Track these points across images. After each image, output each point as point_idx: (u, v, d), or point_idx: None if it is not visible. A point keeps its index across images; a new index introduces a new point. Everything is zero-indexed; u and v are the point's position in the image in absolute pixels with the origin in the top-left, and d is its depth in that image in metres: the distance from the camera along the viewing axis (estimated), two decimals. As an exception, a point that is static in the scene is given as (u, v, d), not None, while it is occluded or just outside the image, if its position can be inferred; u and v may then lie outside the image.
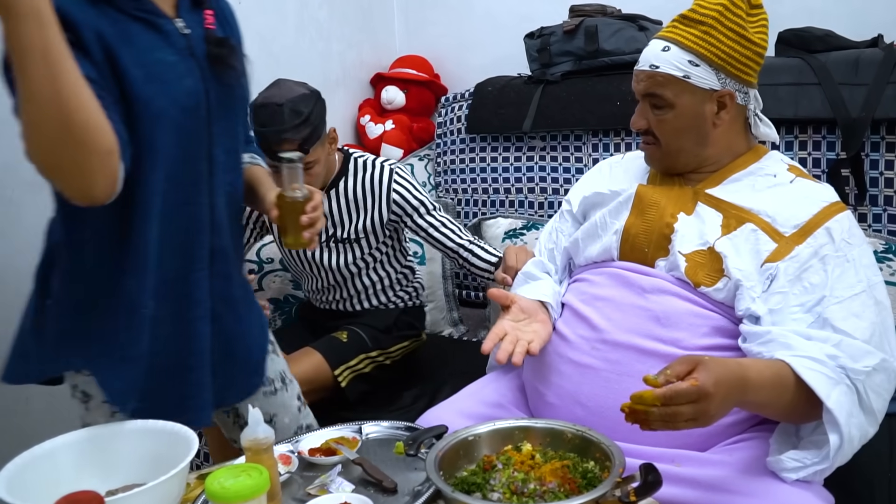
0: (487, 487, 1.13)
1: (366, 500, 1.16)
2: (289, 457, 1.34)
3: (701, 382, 1.08)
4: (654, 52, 1.44)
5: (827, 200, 1.40)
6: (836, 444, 1.18)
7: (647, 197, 1.49)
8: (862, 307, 1.29)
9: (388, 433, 1.44)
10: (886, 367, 1.25)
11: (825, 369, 1.20)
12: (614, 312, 1.42)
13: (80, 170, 1.09)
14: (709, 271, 1.38)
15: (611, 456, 1.16)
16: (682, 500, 1.21)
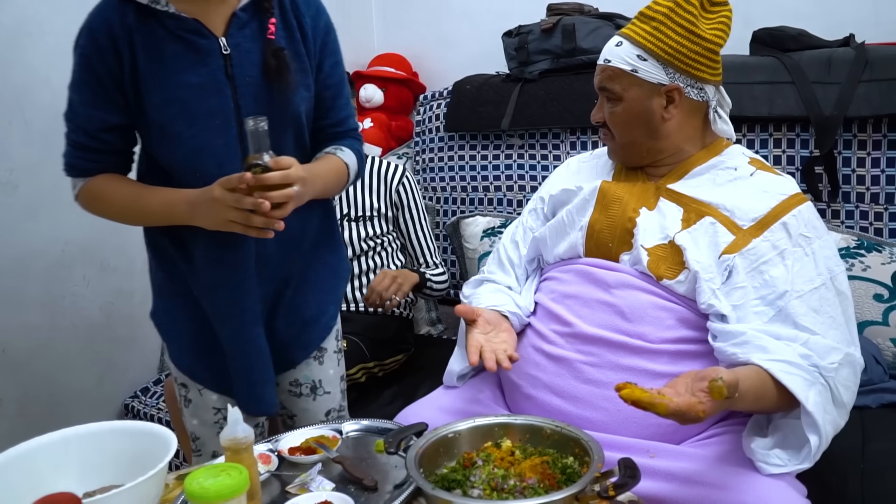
0: (468, 484, 1.14)
1: (346, 498, 1.16)
2: (269, 456, 1.34)
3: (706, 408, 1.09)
4: (608, 48, 1.50)
5: (786, 193, 1.42)
6: (816, 444, 1.21)
7: (611, 193, 1.52)
8: (821, 301, 1.31)
9: (368, 431, 1.44)
10: (851, 360, 1.28)
11: (801, 372, 1.22)
12: (582, 309, 1.45)
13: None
14: (670, 264, 1.40)
15: (590, 451, 1.17)
16: (659, 494, 1.22)
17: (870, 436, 1.64)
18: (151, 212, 1.37)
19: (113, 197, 1.39)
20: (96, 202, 1.42)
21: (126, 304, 2.39)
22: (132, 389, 2.35)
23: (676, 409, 1.07)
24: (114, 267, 2.34)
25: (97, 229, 2.26)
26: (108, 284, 2.33)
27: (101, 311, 2.30)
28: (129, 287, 2.40)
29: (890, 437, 1.63)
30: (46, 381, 2.12)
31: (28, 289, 2.07)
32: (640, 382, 1.29)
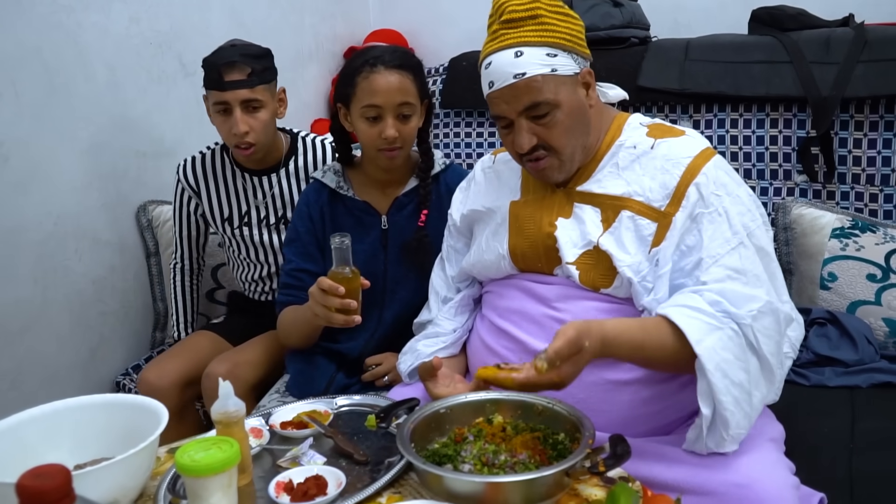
0: (458, 459, 1.14)
1: (337, 472, 1.16)
2: (260, 430, 1.34)
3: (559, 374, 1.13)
4: (508, 63, 1.32)
5: (690, 155, 1.34)
6: (704, 392, 1.17)
7: (521, 213, 1.46)
8: (741, 260, 1.27)
9: (359, 406, 1.44)
10: (773, 308, 1.23)
11: (704, 317, 1.19)
12: (529, 325, 1.41)
13: None
14: (602, 271, 1.35)
15: (581, 427, 1.17)
16: (649, 474, 1.22)
17: (859, 415, 1.65)
18: (297, 319, 1.73)
19: (287, 316, 1.78)
20: (281, 325, 1.82)
21: (119, 279, 2.38)
22: (124, 366, 2.35)
23: (523, 382, 1.15)
24: (106, 241, 2.32)
25: (89, 203, 2.26)
26: (100, 258, 2.31)
27: (94, 286, 2.29)
28: (122, 262, 2.39)
29: (879, 416, 1.64)
30: (39, 355, 2.11)
31: (20, 262, 2.06)
32: (607, 396, 1.32)
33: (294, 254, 1.81)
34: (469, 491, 1.06)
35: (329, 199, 1.79)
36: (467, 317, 1.61)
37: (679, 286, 1.30)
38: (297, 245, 1.81)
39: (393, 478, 1.16)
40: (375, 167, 1.77)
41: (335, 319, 1.47)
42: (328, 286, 1.45)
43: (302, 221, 1.81)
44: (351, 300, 1.45)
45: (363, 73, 1.64)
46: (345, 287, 1.45)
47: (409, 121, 1.68)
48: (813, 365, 1.84)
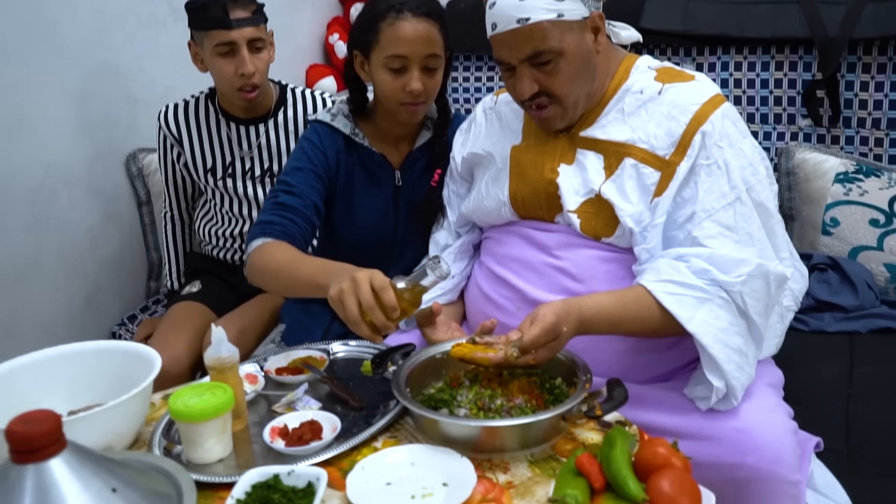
0: (454, 404, 1.13)
1: (332, 417, 1.15)
2: (255, 376, 1.33)
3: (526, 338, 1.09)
4: (513, 5, 1.24)
5: (698, 102, 1.28)
6: (710, 364, 1.16)
7: (523, 159, 1.42)
8: (735, 217, 1.22)
9: (355, 352, 1.43)
10: (763, 271, 1.20)
11: (690, 291, 1.17)
12: (528, 273, 1.38)
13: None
14: (604, 220, 1.31)
15: (577, 372, 1.16)
16: (649, 420, 1.22)
17: (858, 361, 1.65)
18: (299, 271, 1.38)
19: (276, 256, 1.46)
20: (262, 258, 1.47)
21: (114, 227, 2.36)
22: (120, 316, 2.34)
23: (499, 363, 1.12)
24: (98, 189, 2.29)
25: (80, 151, 2.22)
26: (93, 207, 2.28)
27: (88, 234, 2.26)
28: (116, 210, 2.36)
29: (877, 362, 1.64)
30: (34, 304, 2.10)
31: (12, 211, 2.03)
32: (605, 345, 1.29)
33: (300, 181, 1.57)
34: (465, 435, 1.06)
35: (345, 147, 1.64)
36: (466, 263, 1.59)
37: (670, 238, 1.27)
38: (306, 175, 1.59)
39: (389, 423, 1.15)
40: (392, 121, 1.63)
41: (361, 331, 1.17)
42: (388, 301, 1.14)
43: (316, 157, 1.61)
44: (393, 325, 1.18)
45: (388, 18, 1.49)
46: (402, 306, 1.17)
47: (434, 74, 1.55)
48: (812, 311, 1.83)
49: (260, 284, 1.49)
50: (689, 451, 1.17)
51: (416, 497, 0.98)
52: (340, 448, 1.09)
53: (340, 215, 1.69)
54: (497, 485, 1.01)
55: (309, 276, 1.32)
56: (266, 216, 1.52)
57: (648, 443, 0.95)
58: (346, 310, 1.15)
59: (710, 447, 1.17)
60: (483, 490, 1.00)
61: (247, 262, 1.48)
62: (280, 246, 1.46)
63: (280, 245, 1.46)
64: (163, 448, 1.13)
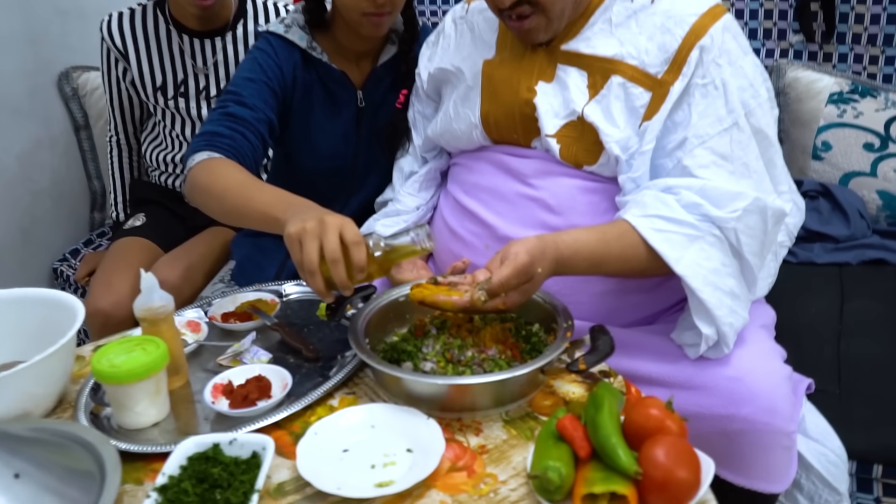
0: (419, 356, 1.01)
1: (282, 371, 1.02)
2: (198, 323, 1.19)
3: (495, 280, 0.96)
4: None
5: (696, 13, 1.13)
6: (699, 309, 1.04)
7: (496, 75, 1.26)
8: (731, 145, 1.09)
9: (310, 294, 1.30)
10: (760, 206, 1.07)
11: (679, 228, 1.04)
12: (501, 204, 1.25)
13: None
14: (586, 146, 1.17)
15: (557, 317, 1.04)
16: (637, 370, 1.11)
17: (848, 295, 1.56)
18: (253, 199, 1.17)
19: (224, 176, 1.24)
20: (207, 175, 1.25)
21: (48, 154, 2.16)
22: (61, 251, 2.16)
23: (464, 307, 0.99)
24: (28, 112, 2.08)
25: (5, 70, 2.00)
26: (23, 132, 2.08)
27: (19, 162, 2.07)
28: (50, 135, 2.16)
29: (868, 296, 1.55)
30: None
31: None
32: (584, 286, 1.17)
33: (252, 93, 1.38)
34: (432, 393, 0.94)
35: (302, 63, 1.46)
36: (433, 192, 1.45)
37: (658, 167, 1.14)
38: (259, 87, 1.40)
39: (346, 377, 1.03)
40: (354, 35, 1.45)
41: (314, 282, 0.99)
42: (358, 260, 0.98)
43: (270, 69, 1.42)
44: (352, 287, 1.01)
45: None
46: (370, 269, 1.01)
47: None
48: (802, 241, 1.73)
49: (201, 206, 1.27)
50: (677, 402, 1.08)
51: (377, 467, 0.86)
52: (291, 409, 0.97)
53: (296, 140, 1.52)
54: (468, 449, 0.90)
55: (264, 207, 1.12)
56: (213, 126, 1.32)
57: (639, 402, 0.84)
58: (305, 254, 0.97)
59: (699, 398, 1.07)
60: (453, 456, 0.89)
61: (186, 178, 1.28)
62: (228, 164, 1.26)
63: (228, 163, 1.26)
64: (90, 412, 0.99)
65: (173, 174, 1.97)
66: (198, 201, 1.27)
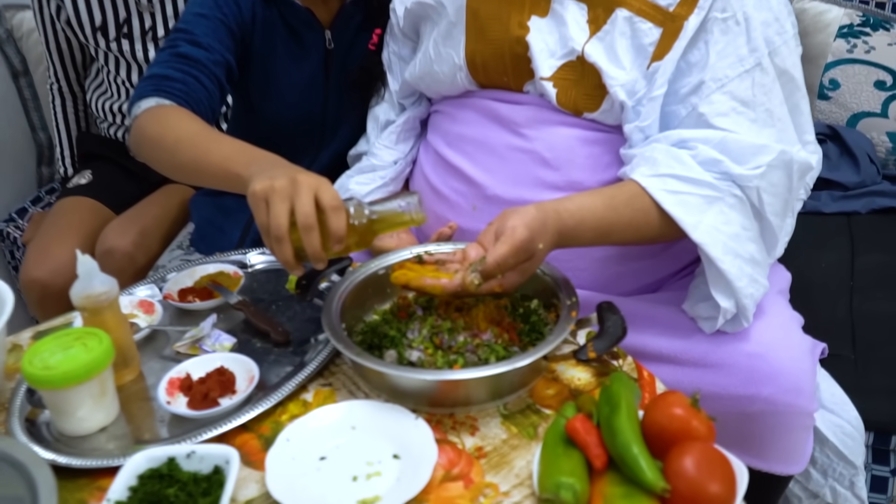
0: (404, 343, 0.89)
1: (248, 362, 0.90)
2: (151, 304, 1.05)
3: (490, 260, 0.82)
4: None
5: None
6: (718, 280, 0.93)
7: (483, 10, 1.11)
8: (752, 89, 0.97)
9: (278, 264, 1.16)
10: (785, 160, 0.95)
11: (694, 189, 0.93)
12: (489, 158, 1.12)
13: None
14: (587, 90, 1.04)
15: (557, 291, 0.92)
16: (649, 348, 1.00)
17: (859, 247, 1.46)
18: (210, 151, 1.00)
19: (175, 125, 1.08)
20: (155, 124, 1.09)
21: (-15, 101, 1.97)
22: (7, 210, 1.99)
23: (454, 291, 0.86)
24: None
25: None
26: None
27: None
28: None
29: (880, 249, 1.46)
30: None
31: None
32: (582, 251, 1.04)
33: (206, 31, 1.22)
34: (420, 388, 0.82)
35: (265, 7, 1.30)
36: (412, 144, 1.30)
37: (670, 114, 1.00)
38: (214, 25, 1.23)
39: (320, 366, 0.91)
40: None
41: (281, 251, 0.84)
42: (336, 228, 0.83)
43: (226, 5, 1.26)
44: (326, 259, 0.86)
45: None
46: (349, 241, 0.87)
47: None
48: (808, 189, 1.62)
49: (149, 160, 1.11)
50: (689, 381, 0.98)
51: (359, 479, 0.75)
52: (259, 407, 0.84)
53: (257, 87, 1.36)
54: (463, 452, 0.79)
55: (224, 161, 0.96)
56: (162, 69, 1.15)
57: (661, 400, 0.73)
58: (272, 217, 0.82)
59: (715, 376, 0.96)
60: (446, 462, 0.77)
61: (131, 128, 1.12)
62: (180, 112, 1.10)
63: (180, 111, 1.10)
64: (25, 417, 0.86)
65: (122, 126, 1.79)
66: (145, 155, 1.10)
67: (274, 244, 0.84)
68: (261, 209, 0.84)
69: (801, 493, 1.18)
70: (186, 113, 1.10)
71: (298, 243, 0.84)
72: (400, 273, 0.90)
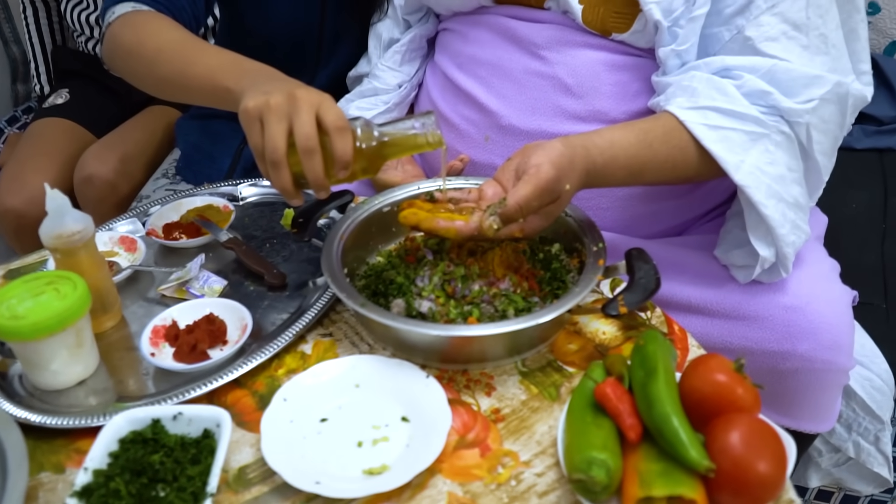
0: (413, 291, 0.80)
1: (240, 308, 0.82)
2: (134, 240, 0.96)
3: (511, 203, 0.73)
4: None
5: None
6: (757, 227, 0.85)
7: None
8: (806, 10, 0.86)
9: (273, 195, 1.07)
10: (840, 93, 0.86)
11: (738, 124, 0.83)
12: (504, 84, 1.01)
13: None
14: (617, 6, 0.93)
15: (581, 236, 0.83)
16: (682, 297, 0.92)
17: (892, 188, 1.37)
18: (195, 62, 0.89)
19: (155, 33, 0.95)
20: (132, 33, 0.96)
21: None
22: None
23: (470, 235, 0.77)
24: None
25: None
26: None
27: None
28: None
29: (915, 187, 1.36)
30: None
31: None
32: (603, 192, 0.96)
33: None
34: (430, 344, 0.74)
35: None
36: (418, 66, 1.19)
37: (711, 37, 0.89)
38: None
39: (319, 314, 0.83)
40: None
41: (279, 177, 0.75)
42: (342, 152, 0.74)
43: None
44: (329, 187, 0.77)
45: None
46: (355, 167, 0.77)
47: None
48: (839, 122, 1.51)
49: (125, 73, 0.99)
50: (720, 334, 0.91)
51: (365, 444, 0.68)
52: (253, 361, 0.76)
53: (246, 1, 1.24)
54: (479, 415, 0.72)
55: (211, 73, 0.86)
56: None
57: (701, 364, 0.65)
58: (268, 138, 0.73)
59: (748, 330, 0.89)
60: (460, 425, 0.70)
61: (104, 36, 1.00)
62: (160, 19, 0.98)
63: (160, 18, 0.98)
64: (-7, 367, 0.79)
65: (83, 38, 1.65)
66: (120, 67, 0.99)
67: (270, 169, 0.75)
68: (254, 129, 0.75)
69: (822, 446, 1.12)
70: (167, 20, 0.98)
71: (297, 168, 0.75)
72: (409, 212, 0.81)
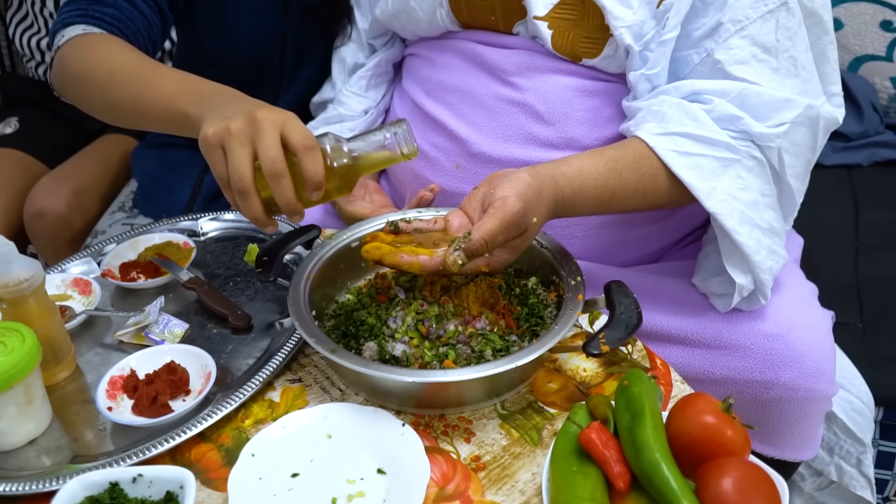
0: (385, 333, 0.77)
1: (203, 355, 0.77)
2: (88, 282, 0.91)
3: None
4: None
5: None
6: (732, 254, 0.83)
7: None
8: (776, 32, 0.84)
9: (234, 228, 1.03)
10: (811, 116, 0.84)
11: (709, 150, 0.82)
12: (474, 111, 0.99)
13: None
14: (587, 32, 0.91)
15: (558, 268, 0.81)
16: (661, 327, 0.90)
17: (862, 203, 1.38)
18: (150, 86, 0.84)
19: (109, 56, 0.90)
20: (83, 55, 0.91)
21: None
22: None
23: (434, 270, 0.73)
24: None
25: None
26: None
27: None
28: None
29: (885, 205, 1.38)
30: None
31: None
32: (575, 220, 0.94)
33: None
34: (405, 390, 0.71)
35: None
36: (384, 91, 1.16)
37: (681, 61, 0.88)
38: None
39: (287, 358, 0.79)
40: None
41: (248, 206, 0.72)
42: (312, 172, 0.71)
43: None
44: (302, 211, 0.74)
45: None
46: (328, 186, 0.74)
47: None
48: (807, 139, 1.52)
49: (75, 99, 0.95)
50: (701, 364, 0.89)
51: (339, 500, 0.64)
52: (218, 413, 0.72)
53: (204, 19, 1.20)
54: (458, 464, 0.68)
55: (168, 98, 0.81)
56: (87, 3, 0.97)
57: (688, 405, 0.63)
58: (232, 166, 0.69)
59: (730, 359, 0.87)
60: (439, 476, 0.67)
61: (53, 60, 0.95)
62: (113, 42, 0.93)
63: (113, 40, 0.94)
64: (-65, 427, 0.73)
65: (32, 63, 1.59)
66: (70, 93, 0.94)
67: (238, 198, 0.71)
68: (217, 157, 0.71)
69: (805, 470, 1.11)
70: (120, 42, 0.94)
71: (267, 193, 0.71)
72: (372, 247, 0.77)
